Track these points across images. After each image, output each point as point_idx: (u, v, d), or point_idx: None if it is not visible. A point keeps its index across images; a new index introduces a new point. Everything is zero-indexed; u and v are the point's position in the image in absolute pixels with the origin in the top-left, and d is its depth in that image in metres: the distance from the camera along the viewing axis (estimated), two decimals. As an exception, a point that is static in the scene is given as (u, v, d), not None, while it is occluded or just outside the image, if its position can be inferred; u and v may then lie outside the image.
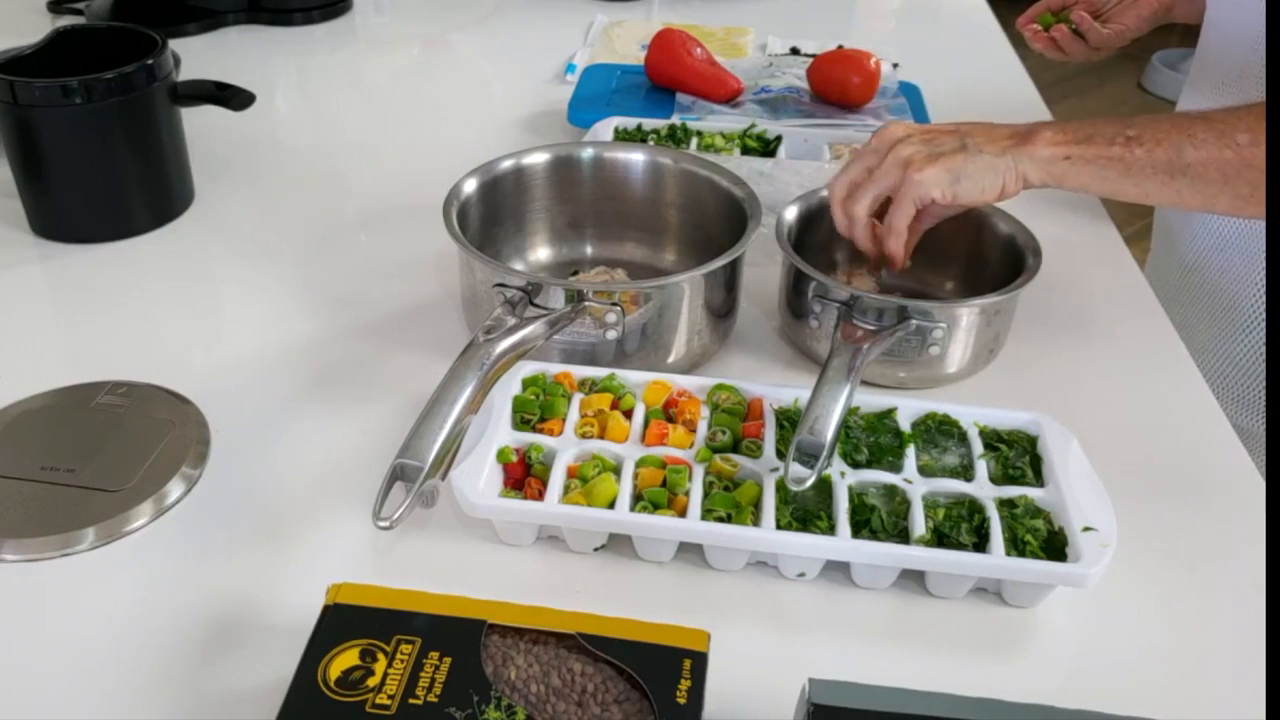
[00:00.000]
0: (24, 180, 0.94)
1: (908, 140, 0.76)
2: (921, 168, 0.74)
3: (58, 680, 0.56)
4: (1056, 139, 0.73)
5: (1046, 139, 0.73)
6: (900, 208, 0.75)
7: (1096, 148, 0.72)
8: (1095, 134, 0.73)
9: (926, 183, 0.74)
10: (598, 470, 0.64)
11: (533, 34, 1.48)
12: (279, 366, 0.80)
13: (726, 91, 1.16)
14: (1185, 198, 0.73)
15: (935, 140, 0.75)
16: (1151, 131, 0.71)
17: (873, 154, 0.77)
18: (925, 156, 0.74)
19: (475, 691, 0.47)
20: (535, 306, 0.72)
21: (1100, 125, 0.73)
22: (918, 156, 0.74)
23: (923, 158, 0.74)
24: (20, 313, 0.87)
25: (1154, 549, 0.66)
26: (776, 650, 0.59)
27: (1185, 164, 0.71)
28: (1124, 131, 0.72)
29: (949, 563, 0.60)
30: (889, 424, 0.69)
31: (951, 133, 0.76)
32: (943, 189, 0.74)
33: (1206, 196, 0.72)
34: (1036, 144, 0.73)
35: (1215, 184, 0.71)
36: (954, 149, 0.74)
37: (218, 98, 0.99)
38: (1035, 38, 1.14)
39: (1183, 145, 0.71)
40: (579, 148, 0.90)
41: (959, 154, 0.74)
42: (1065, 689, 0.58)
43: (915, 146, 0.75)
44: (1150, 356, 0.84)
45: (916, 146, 0.75)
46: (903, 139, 0.76)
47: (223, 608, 0.60)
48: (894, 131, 0.77)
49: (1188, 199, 0.73)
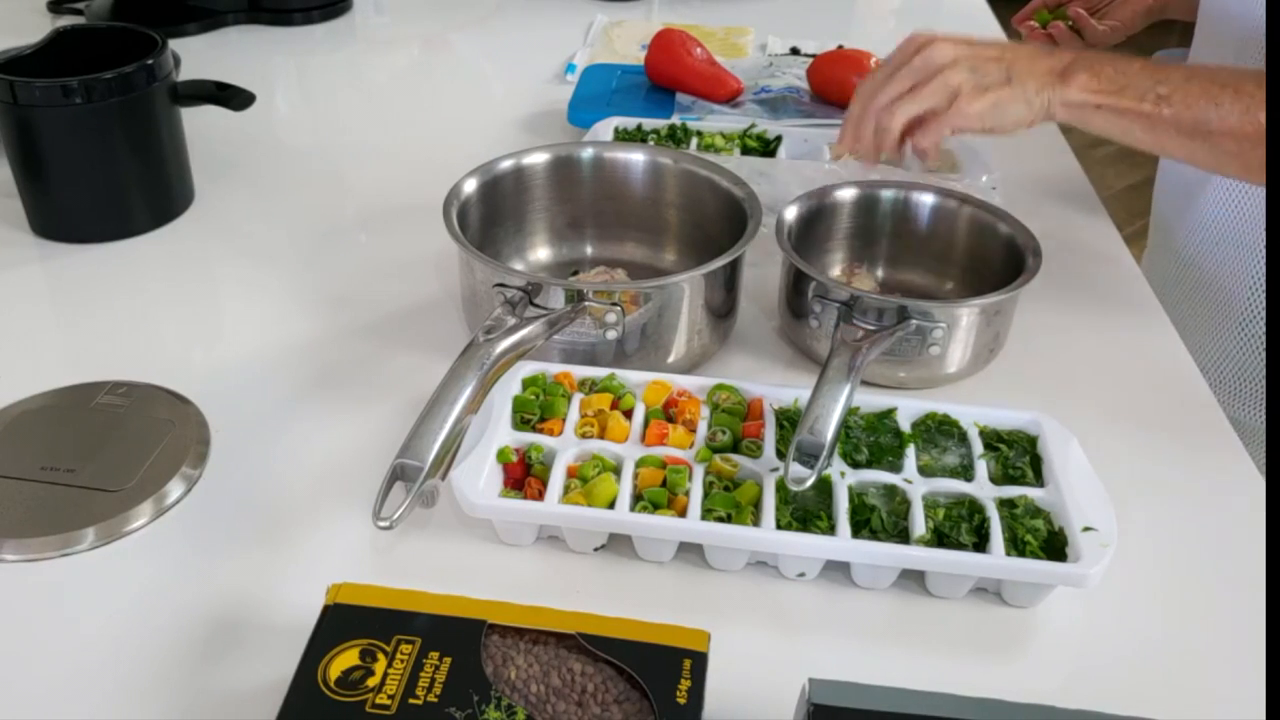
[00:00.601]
0: (24, 180, 0.94)
1: (956, 66, 0.75)
2: (971, 100, 0.74)
3: (58, 680, 0.56)
4: (1091, 85, 0.74)
5: (1081, 83, 0.74)
6: (937, 131, 0.76)
7: (1128, 100, 0.73)
8: (1128, 85, 0.73)
9: (972, 115, 0.74)
10: (598, 470, 0.64)
11: (533, 34, 1.48)
12: (279, 366, 0.80)
13: (726, 91, 1.16)
14: (1198, 158, 0.75)
15: (982, 69, 0.75)
16: (1182, 93, 0.72)
17: (915, 72, 0.76)
18: (974, 88, 0.74)
19: (475, 691, 0.47)
20: (535, 306, 0.72)
21: (1134, 76, 0.74)
22: (967, 86, 0.74)
23: (971, 88, 0.74)
24: (20, 313, 0.87)
25: (1154, 549, 0.66)
26: (776, 650, 0.59)
27: (1208, 130, 0.72)
28: (1156, 88, 0.73)
29: (949, 563, 0.60)
30: (889, 424, 0.69)
31: (996, 59, 0.75)
32: (984, 122, 0.75)
33: (1218, 161, 0.74)
34: (1071, 85, 0.74)
35: (1230, 153, 0.73)
36: (1000, 81, 0.74)
37: (218, 98, 0.99)
38: (1032, 34, 1.15)
39: (1209, 112, 0.72)
40: (579, 148, 0.90)
41: (1004, 87, 0.74)
42: (1065, 689, 0.58)
43: (964, 75, 0.75)
44: (1150, 357, 0.84)
45: (965, 75, 0.75)
46: (950, 64, 0.75)
47: (223, 608, 0.60)
48: (941, 52, 0.76)
49: (1200, 159, 0.75)
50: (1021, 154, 1.04)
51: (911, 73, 0.76)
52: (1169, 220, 1.06)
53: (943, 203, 0.86)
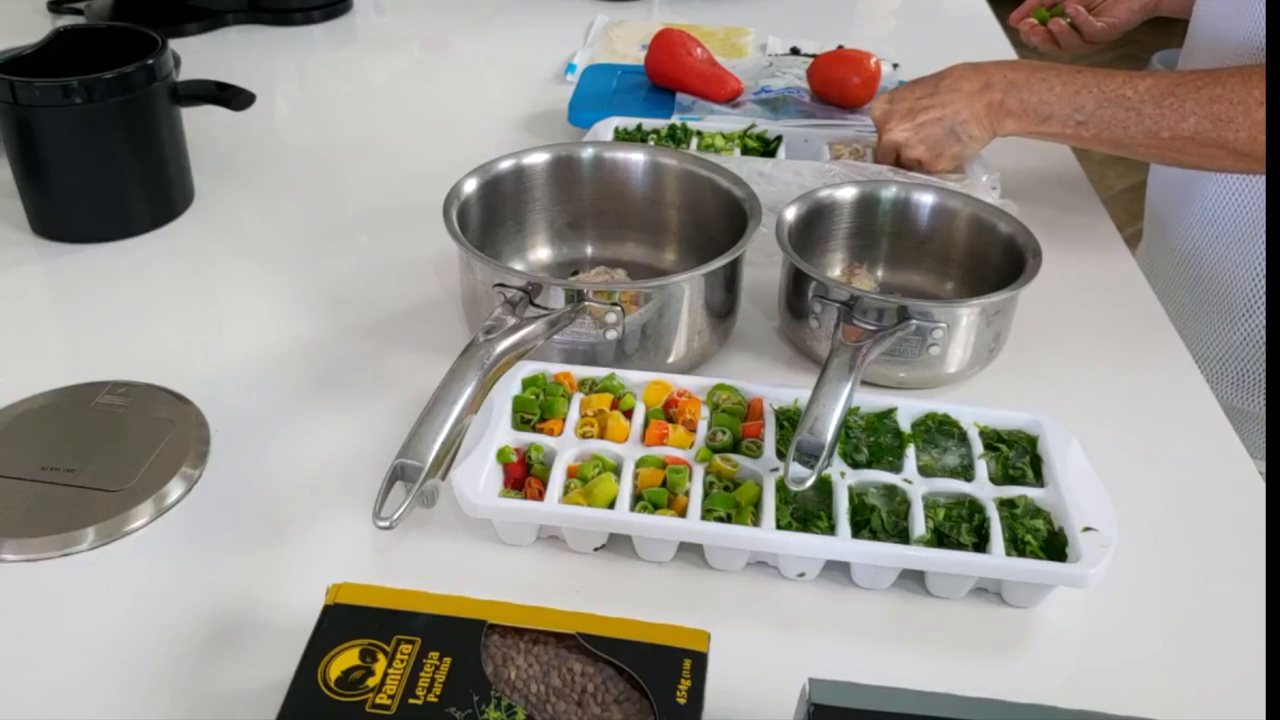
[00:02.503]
0: (24, 180, 0.94)
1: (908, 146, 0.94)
2: (934, 165, 0.93)
3: (58, 680, 0.56)
4: (1021, 123, 0.89)
5: (1012, 124, 0.90)
6: None
7: (1053, 128, 0.88)
8: (1052, 115, 0.88)
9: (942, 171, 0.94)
10: (598, 470, 0.64)
11: (533, 34, 1.48)
12: (279, 366, 0.80)
13: (726, 91, 1.16)
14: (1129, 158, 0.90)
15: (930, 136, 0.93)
16: (1096, 120, 0.86)
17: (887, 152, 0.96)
18: (932, 155, 0.93)
19: (475, 691, 0.47)
20: (535, 306, 0.72)
21: (1056, 104, 0.87)
22: (926, 156, 0.93)
23: (931, 157, 0.93)
24: (20, 313, 0.87)
25: (1154, 549, 0.66)
26: (776, 650, 0.59)
27: (1125, 145, 0.87)
28: (1074, 116, 0.87)
29: (949, 563, 0.60)
30: (889, 424, 0.69)
31: (937, 120, 0.92)
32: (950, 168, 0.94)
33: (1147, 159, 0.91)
34: (1006, 121, 0.90)
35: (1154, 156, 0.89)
36: (950, 141, 0.92)
37: (218, 98, 0.99)
38: (1032, 31, 1.15)
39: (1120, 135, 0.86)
40: (579, 148, 0.90)
41: (955, 144, 0.92)
42: (1065, 689, 0.58)
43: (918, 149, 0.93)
44: (1150, 357, 0.84)
45: (920, 150, 0.93)
46: (904, 145, 0.94)
47: (223, 608, 0.60)
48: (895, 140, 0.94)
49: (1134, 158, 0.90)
50: (1021, 154, 1.04)
51: (885, 153, 0.96)
52: (1165, 215, 1.06)
53: (943, 203, 0.86)
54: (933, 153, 0.92)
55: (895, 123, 0.93)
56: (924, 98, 0.93)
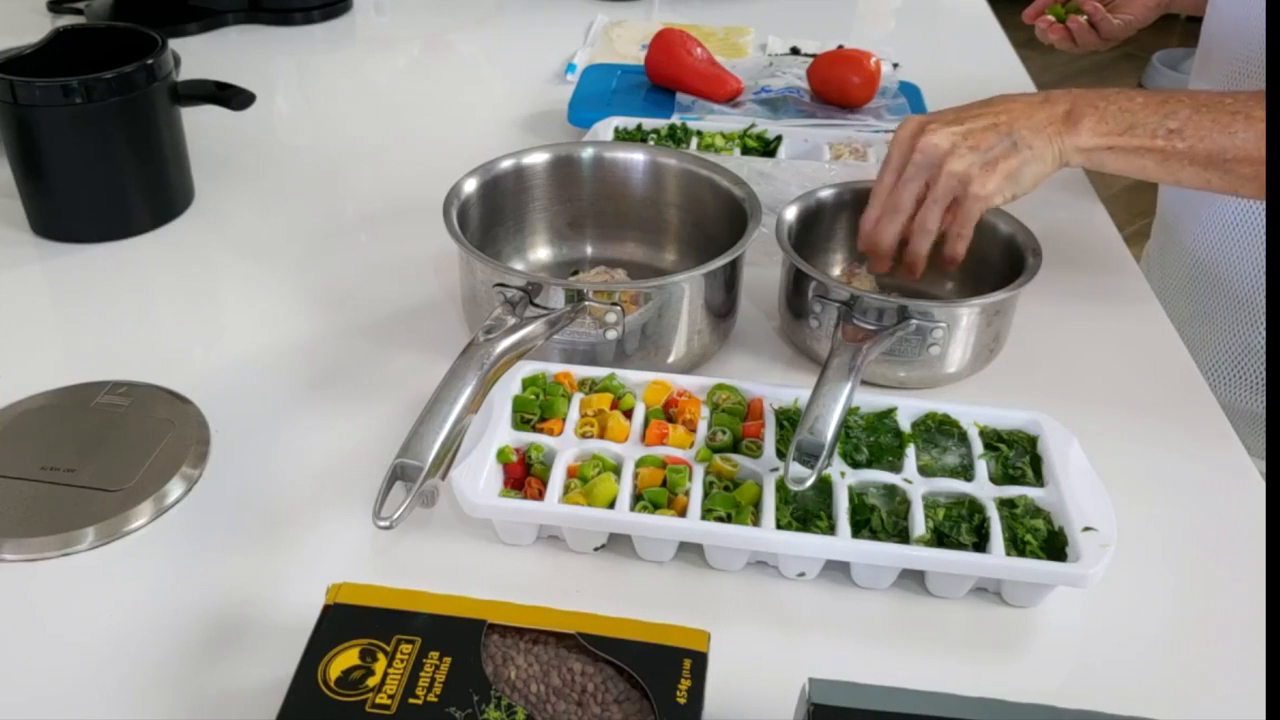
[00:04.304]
0: (24, 180, 0.94)
1: (955, 152, 0.73)
2: (983, 181, 0.73)
3: (57, 680, 0.56)
4: (1100, 128, 0.74)
5: (1089, 127, 0.74)
6: (963, 232, 0.76)
7: (1140, 138, 0.73)
8: (1137, 124, 0.73)
9: (988, 195, 0.73)
10: (598, 470, 0.64)
11: (533, 34, 1.48)
12: (279, 366, 0.80)
13: (726, 91, 1.16)
14: (1213, 185, 0.75)
15: (983, 143, 0.73)
16: (1194, 126, 0.73)
17: (921, 168, 0.75)
18: (981, 166, 0.73)
19: (475, 691, 0.47)
20: (535, 306, 0.72)
21: (1139, 112, 0.74)
22: (974, 169, 0.73)
23: (979, 169, 0.73)
24: (20, 313, 0.87)
25: (1154, 549, 0.66)
26: (776, 650, 0.59)
27: (1224, 159, 0.73)
28: (1165, 123, 0.73)
29: (949, 563, 0.60)
30: (889, 424, 0.69)
31: (993, 127, 0.74)
32: (1004, 196, 0.74)
33: (1233, 185, 0.74)
34: (1080, 132, 0.74)
35: (1247, 177, 0.73)
36: (1005, 150, 0.73)
37: (218, 97, 0.99)
38: (1050, 29, 1.13)
39: (1224, 141, 0.72)
40: (579, 147, 0.90)
41: (1012, 155, 0.73)
42: (1065, 689, 0.58)
43: (966, 158, 0.73)
44: (1151, 357, 0.84)
45: (967, 157, 0.73)
46: (950, 151, 0.73)
47: (223, 608, 0.60)
48: (938, 140, 0.74)
49: (1215, 186, 0.75)
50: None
51: (918, 169, 0.75)
52: (1177, 219, 1.06)
53: (943, 203, 0.86)
54: (983, 161, 0.73)
55: (938, 125, 0.75)
56: (971, 108, 0.77)
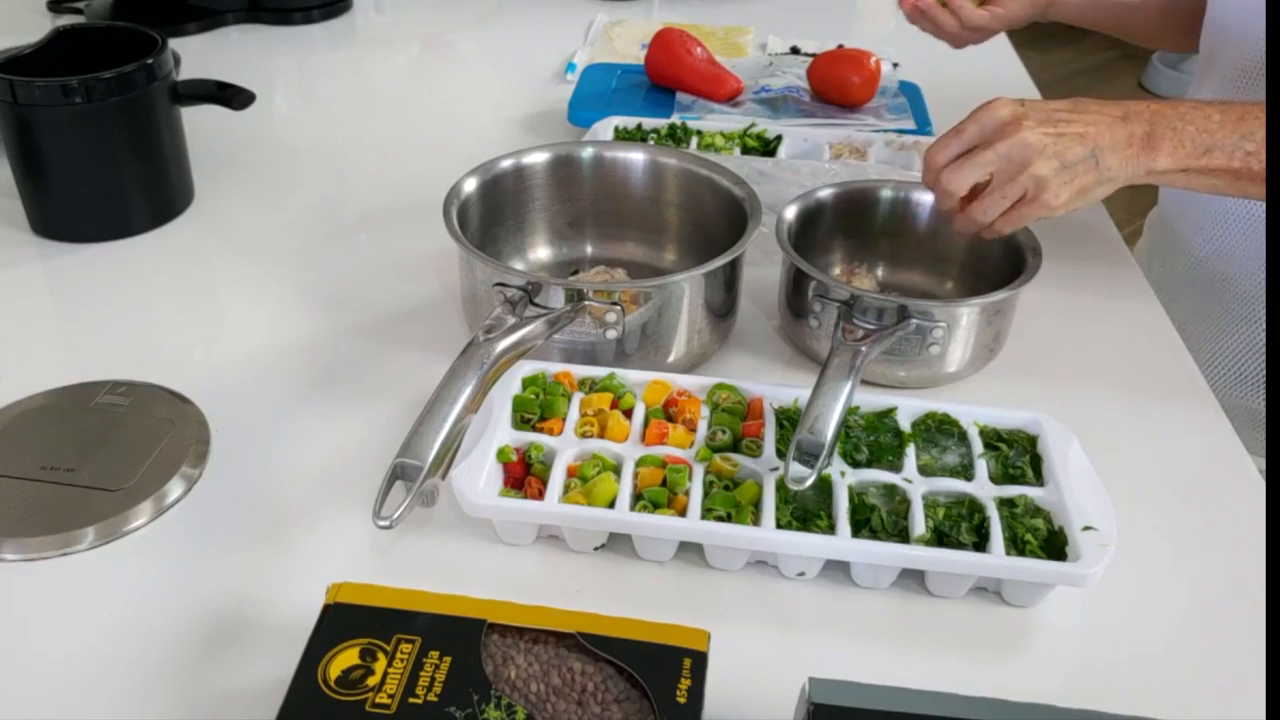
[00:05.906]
0: (24, 180, 0.94)
1: (1044, 156, 0.72)
2: (1057, 192, 0.72)
3: (58, 680, 0.56)
4: (1178, 153, 0.73)
5: (1168, 151, 0.73)
6: (1022, 220, 0.75)
7: (1216, 161, 0.73)
8: (1215, 146, 0.73)
9: (1059, 208, 0.73)
10: (598, 470, 0.64)
11: (533, 34, 1.48)
12: (279, 366, 0.80)
13: (726, 91, 1.16)
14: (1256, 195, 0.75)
15: (1069, 154, 0.72)
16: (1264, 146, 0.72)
17: (1003, 161, 0.73)
18: (1062, 179, 0.72)
19: (475, 691, 0.47)
20: (535, 306, 0.72)
21: (1218, 133, 0.73)
22: (1054, 179, 0.72)
23: (1060, 181, 0.72)
24: (20, 313, 0.87)
25: (1154, 549, 0.66)
26: (776, 650, 0.59)
27: None
28: (1243, 145, 0.73)
29: (949, 562, 0.60)
30: (889, 423, 0.69)
31: (1080, 136, 0.72)
32: (1069, 209, 0.73)
33: None
34: (1158, 156, 0.73)
35: None
36: (1086, 166, 0.72)
37: (218, 97, 0.99)
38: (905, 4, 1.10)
39: None
40: (579, 147, 0.90)
41: (1090, 173, 0.72)
42: (1065, 688, 0.58)
43: (1051, 164, 0.72)
44: (1151, 356, 0.84)
45: (1052, 163, 0.72)
46: (1039, 154, 0.72)
47: (223, 608, 0.60)
48: (1030, 140, 0.72)
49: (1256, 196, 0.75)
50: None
51: (999, 159, 0.73)
52: (1177, 217, 1.05)
53: (943, 202, 0.86)
54: (1064, 173, 0.72)
55: (1033, 123, 0.72)
56: (1062, 110, 0.74)
